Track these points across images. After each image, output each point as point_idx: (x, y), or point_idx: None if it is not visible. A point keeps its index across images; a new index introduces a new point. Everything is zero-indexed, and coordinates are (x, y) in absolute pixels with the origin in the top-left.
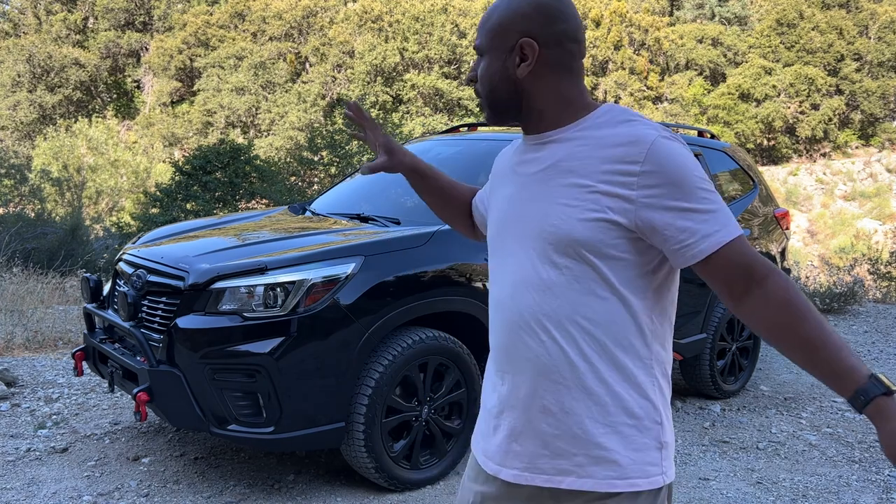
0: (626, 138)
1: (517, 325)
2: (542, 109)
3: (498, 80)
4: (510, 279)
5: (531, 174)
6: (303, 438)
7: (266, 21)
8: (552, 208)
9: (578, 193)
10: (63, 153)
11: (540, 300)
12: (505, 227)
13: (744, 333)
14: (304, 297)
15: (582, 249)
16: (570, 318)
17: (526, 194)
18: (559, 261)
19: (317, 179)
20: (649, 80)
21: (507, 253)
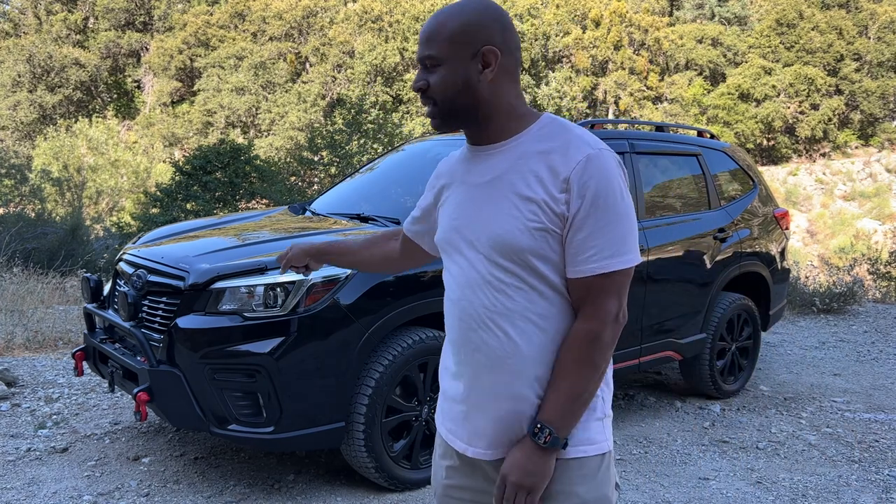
0: (561, 156)
1: (473, 322)
2: (493, 117)
3: (460, 88)
4: (463, 281)
5: (478, 184)
6: (303, 438)
7: (266, 21)
8: (499, 218)
9: (521, 204)
10: (63, 153)
11: (493, 300)
12: (457, 232)
13: (743, 333)
14: (304, 297)
15: (527, 255)
16: (521, 315)
17: (474, 204)
18: (507, 265)
19: (317, 179)
20: (649, 80)
21: (459, 257)
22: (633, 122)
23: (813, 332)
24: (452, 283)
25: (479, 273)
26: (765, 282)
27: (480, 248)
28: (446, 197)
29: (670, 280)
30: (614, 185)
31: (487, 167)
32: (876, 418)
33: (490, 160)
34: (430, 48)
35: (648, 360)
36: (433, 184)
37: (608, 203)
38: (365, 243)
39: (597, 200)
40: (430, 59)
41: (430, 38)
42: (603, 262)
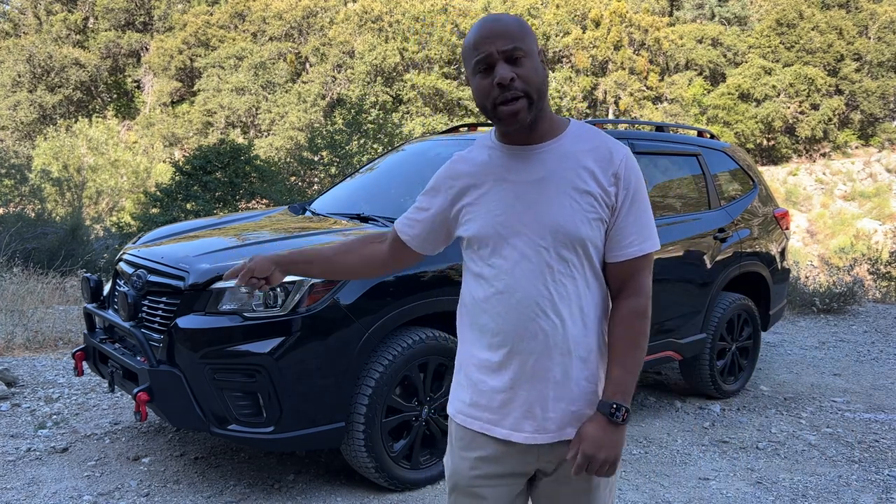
0: (604, 149)
1: (531, 311)
2: (544, 115)
3: (543, 78)
4: (518, 272)
5: (529, 181)
6: (303, 438)
7: (266, 21)
8: (561, 211)
9: (580, 197)
10: (63, 153)
11: (552, 288)
12: (505, 226)
13: (743, 333)
14: (305, 297)
15: (586, 243)
16: (574, 301)
17: (525, 199)
18: (566, 254)
19: (317, 179)
20: (649, 80)
21: (509, 249)
22: (633, 122)
23: (813, 332)
24: (500, 276)
25: (535, 264)
26: (765, 282)
27: (539, 239)
28: (480, 194)
29: (670, 280)
30: (643, 179)
31: (535, 165)
32: (876, 418)
33: (537, 159)
34: (514, 41)
35: (649, 359)
36: (449, 184)
37: (642, 195)
38: (340, 249)
39: (636, 193)
40: (519, 50)
41: (508, 34)
42: (641, 246)
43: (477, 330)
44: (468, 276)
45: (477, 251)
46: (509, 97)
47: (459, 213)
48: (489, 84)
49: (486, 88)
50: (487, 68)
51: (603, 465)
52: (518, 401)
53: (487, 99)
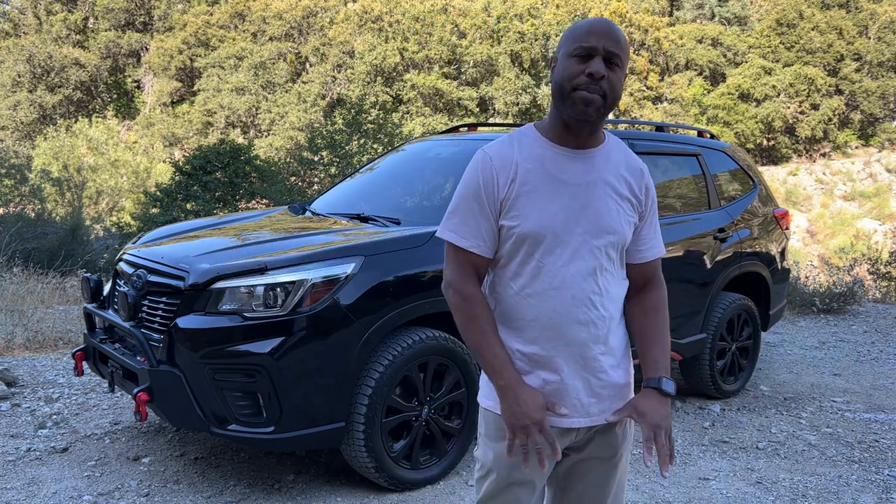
0: (635, 163)
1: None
2: (600, 126)
3: (620, 95)
4: (572, 269)
5: (580, 183)
6: (303, 438)
7: (266, 21)
8: (610, 214)
9: (622, 202)
10: (63, 153)
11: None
12: (561, 224)
13: (743, 333)
14: (305, 297)
15: (627, 244)
16: (615, 297)
17: (579, 200)
18: (612, 254)
19: (317, 179)
20: (649, 80)
21: (562, 247)
22: (633, 122)
23: (813, 332)
24: (555, 272)
25: (588, 262)
26: (765, 282)
27: (593, 239)
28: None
29: (670, 280)
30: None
31: (586, 168)
32: (876, 418)
33: (588, 162)
34: (620, 49)
35: None
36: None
37: (656, 202)
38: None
39: (654, 202)
40: (619, 58)
41: (618, 41)
42: (659, 249)
43: (519, 324)
44: (508, 270)
45: (527, 246)
46: (592, 90)
47: (505, 203)
48: (581, 70)
49: (576, 72)
50: (586, 56)
51: (667, 433)
52: (567, 390)
53: (570, 81)
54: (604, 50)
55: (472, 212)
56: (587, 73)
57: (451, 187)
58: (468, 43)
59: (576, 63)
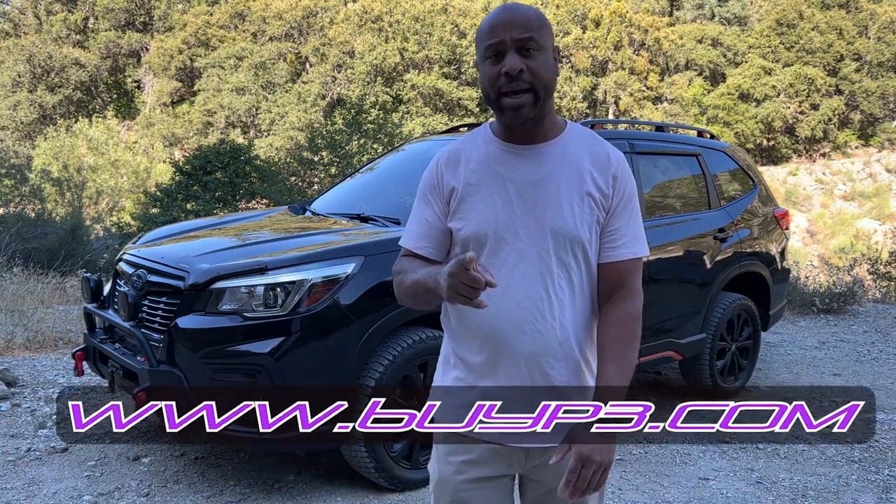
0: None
1: (527, 313)
2: (549, 113)
3: (553, 75)
4: (517, 273)
5: (530, 181)
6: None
7: (266, 21)
8: (562, 212)
9: (580, 199)
10: (63, 153)
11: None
12: (504, 225)
13: (743, 333)
14: (305, 297)
15: (584, 244)
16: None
17: (527, 199)
18: (564, 256)
19: (317, 179)
20: (649, 81)
21: (506, 249)
22: (633, 122)
23: (813, 332)
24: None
25: (535, 266)
26: (765, 282)
27: (540, 241)
28: (475, 190)
29: (670, 280)
30: (636, 185)
31: (536, 165)
32: (876, 418)
33: (538, 158)
34: (530, 31)
35: (648, 360)
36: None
37: (635, 200)
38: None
39: (631, 195)
40: (533, 42)
41: (525, 24)
42: (634, 248)
43: (467, 331)
44: None
45: (472, 250)
46: (515, 89)
47: (452, 206)
48: (497, 72)
49: (494, 76)
50: (498, 55)
51: (598, 469)
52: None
53: (493, 87)
54: (513, 40)
55: (421, 213)
56: (503, 72)
57: None
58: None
59: (490, 65)
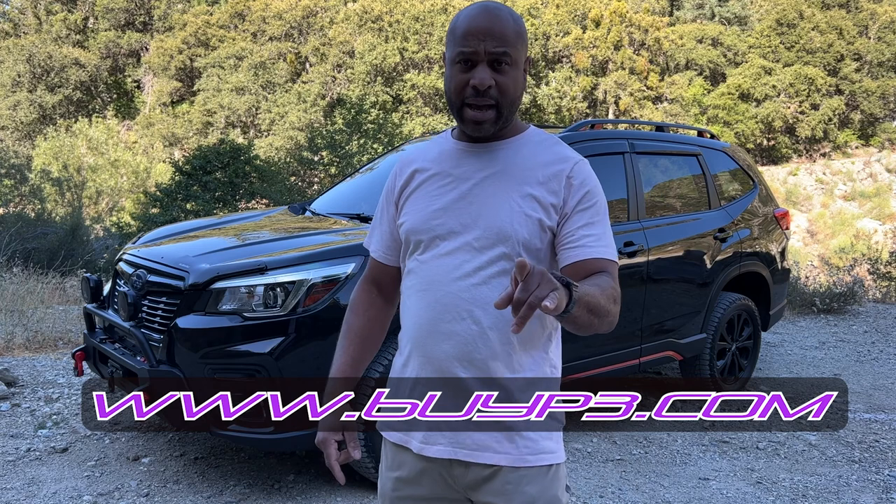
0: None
1: (445, 311)
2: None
3: (521, 93)
4: (441, 270)
5: (476, 178)
6: (303, 438)
7: (266, 21)
8: (499, 210)
9: (521, 198)
10: (63, 153)
11: (473, 290)
12: (441, 223)
13: (743, 333)
14: (304, 297)
15: (519, 246)
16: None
17: (467, 196)
18: (494, 256)
19: (317, 179)
20: (649, 80)
21: (442, 245)
22: (633, 122)
23: (813, 333)
24: (423, 272)
25: (462, 263)
26: (765, 282)
27: (472, 239)
28: (419, 185)
29: (670, 280)
30: (601, 189)
31: (483, 163)
32: (876, 418)
33: (486, 157)
34: (505, 46)
35: (649, 360)
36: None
37: (599, 203)
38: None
39: (592, 198)
40: (507, 56)
41: (502, 36)
42: (600, 249)
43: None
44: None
45: (410, 245)
46: (480, 103)
47: (400, 206)
48: (465, 81)
49: (461, 84)
50: (468, 63)
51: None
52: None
53: (458, 95)
54: (486, 53)
55: (378, 215)
56: (471, 84)
57: None
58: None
59: (459, 71)
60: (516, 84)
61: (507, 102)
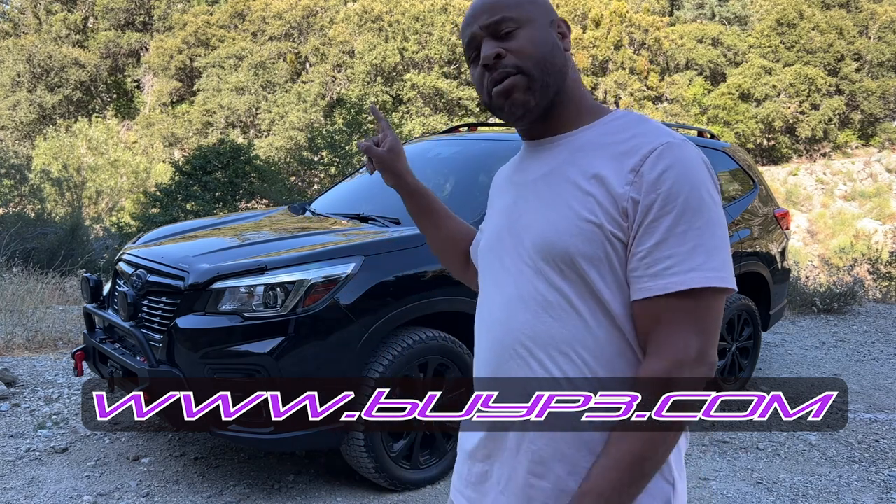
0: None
1: (505, 350)
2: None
3: (551, 50)
4: (499, 300)
5: (528, 182)
6: (303, 438)
7: (266, 21)
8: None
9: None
10: (63, 153)
11: (535, 323)
12: (498, 240)
13: (743, 333)
14: (304, 297)
15: (577, 260)
16: (569, 345)
17: (520, 205)
18: (552, 276)
19: (317, 179)
20: (649, 80)
21: (500, 268)
22: None
23: (813, 333)
24: (486, 305)
25: (518, 288)
26: (765, 282)
27: (524, 255)
28: (492, 205)
29: None
30: (700, 179)
31: (541, 161)
32: (876, 418)
33: (545, 153)
34: (500, 12)
35: None
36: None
37: (692, 202)
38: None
39: (677, 197)
40: (506, 21)
41: (492, 6)
42: (681, 277)
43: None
44: None
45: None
46: (497, 77)
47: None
48: (481, 71)
49: (479, 77)
50: (476, 52)
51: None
52: (494, 475)
53: (483, 89)
54: (482, 28)
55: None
56: (481, 65)
57: (451, 187)
58: None
59: (475, 68)
60: (535, 42)
61: (534, 63)
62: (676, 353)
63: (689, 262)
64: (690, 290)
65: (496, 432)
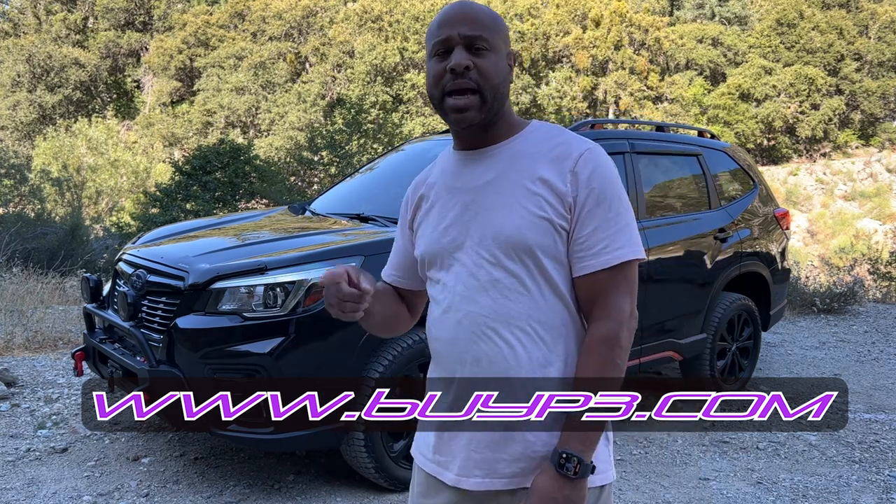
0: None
1: (470, 332)
2: (502, 118)
3: (503, 78)
4: (460, 289)
5: (474, 187)
6: (303, 438)
7: (266, 21)
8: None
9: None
10: (63, 153)
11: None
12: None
13: (744, 333)
14: (304, 297)
15: (535, 250)
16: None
17: (470, 207)
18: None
19: (317, 179)
20: (649, 80)
21: (455, 264)
22: (633, 122)
23: (813, 333)
24: (444, 293)
25: (478, 278)
26: (765, 282)
27: (481, 250)
28: (428, 208)
29: (670, 280)
30: (615, 175)
31: (483, 169)
32: (876, 418)
33: (485, 161)
34: (482, 30)
35: (649, 360)
36: (404, 213)
37: (614, 194)
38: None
39: (604, 191)
40: (483, 40)
41: (476, 21)
42: (614, 254)
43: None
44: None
45: (428, 270)
46: (460, 87)
47: (415, 229)
48: (443, 69)
49: (439, 73)
50: (445, 52)
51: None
52: (463, 439)
53: (437, 86)
54: (461, 37)
55: (396, 241)
56: (448, 68)
57: None
58: None
59: (436, 62)
60: (497, 69)
61: (490, 87)
62: (620, 314)
63: (618, 241)
64: (622, 262)
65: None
